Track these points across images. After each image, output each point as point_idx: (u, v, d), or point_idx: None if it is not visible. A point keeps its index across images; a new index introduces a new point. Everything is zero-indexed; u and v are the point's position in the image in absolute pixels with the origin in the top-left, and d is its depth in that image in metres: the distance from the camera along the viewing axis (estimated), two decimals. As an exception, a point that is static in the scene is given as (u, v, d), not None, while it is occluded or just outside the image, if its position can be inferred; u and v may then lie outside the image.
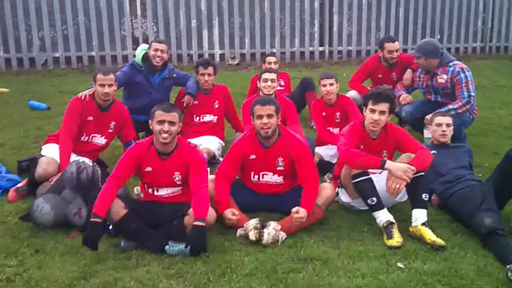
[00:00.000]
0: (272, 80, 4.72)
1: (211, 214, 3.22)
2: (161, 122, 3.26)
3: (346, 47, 10.49)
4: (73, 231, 3.40)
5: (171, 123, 3.26)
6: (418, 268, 2.95)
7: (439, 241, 3.17)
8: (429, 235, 3.22)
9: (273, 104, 3.54)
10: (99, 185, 3.48)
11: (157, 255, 3.09)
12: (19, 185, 4.03)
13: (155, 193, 3.41)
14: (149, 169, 3.34)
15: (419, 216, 3.33)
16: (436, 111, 4.48)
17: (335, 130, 4.76)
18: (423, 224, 3.29)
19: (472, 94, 4.79)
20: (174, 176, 3.35)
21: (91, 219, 3.06)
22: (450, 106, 4.74)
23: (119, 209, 3.16)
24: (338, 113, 4.80)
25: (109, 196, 3.15)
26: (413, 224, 3.33)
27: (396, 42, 5.58)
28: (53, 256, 3.09)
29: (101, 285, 2.79)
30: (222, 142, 5.04)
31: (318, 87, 4.86)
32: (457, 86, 4.83)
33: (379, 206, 3.39)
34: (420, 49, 4.99)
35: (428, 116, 4.63)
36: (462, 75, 4.81)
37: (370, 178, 3.45)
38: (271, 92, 4.71)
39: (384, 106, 3.53)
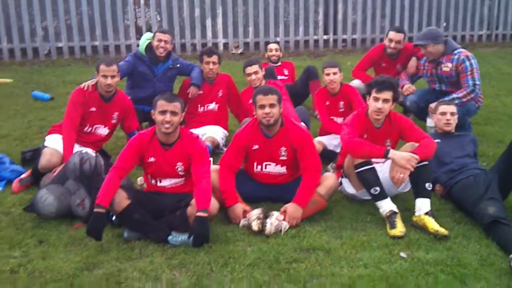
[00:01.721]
0: (255, 72, 4.78)
1: (214, 204, 3.22)
2: (163, 112, 3.25)
3: (350, 35, 10.40)
4: (77, 221, 3.42)
5: (173, 113, 3.26)
6: (421, 258, 2.95)
7: (442, 231, 3.16)
8: (432, 224, 3.21)
9: (275, 94, 3.53)
10: (102, 175, 3.48)
11: (160, 246, 3.10)
12: (23, 176, 4.05)
13: (158, 183, 3.42)
14: (152, 159, 3.34)
15: (422, 205, 3.31)
16: (440, 100, 4.45)
17: (339, 120, 4.74)
18: (426, 213, 3.28)
19: (477, 82, 4.74)
20: (176, 167, 3.35)
21: (95, 210, 3.07)
22: (454, 95, 4.70)
23: (122, 199, 3.16)
24: (341, 102, 4.77)
25: (112, 186, 3.16)
26: (416, 214, 3.33)
27: (400, 34, 5.45)
28: (56, 247, 3.11)
29: (104, 276, 2.81)
30: (225, 131, 5.04)
31: (322, 76, 4.83)
32: (462, 75, 4.78)
33: (382, 195, 3.38)
34: (425, 36, 4.93)
35: (432, 105, 4.60)
36: (467, 63, 4.76)
37: (373, 168, 3.44)
38: (257, 84, 4.71)
39: (387, 94, 3.51)
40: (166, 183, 3.41)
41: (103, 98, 4.24)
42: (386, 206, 3.36)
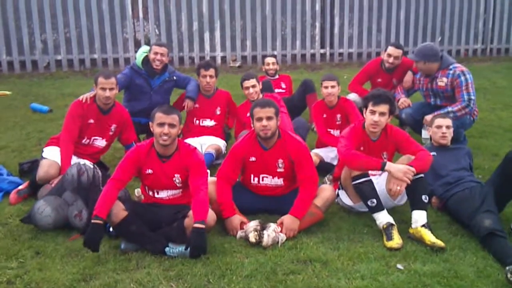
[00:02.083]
0: (253, 86, 4.81)
1: (211, 216, 3.22)
2: (161, 124, 3.27)
3: (347, 49, 10.50)
4: (74, 233, 3.42)
5: (171, 125, 3.28)
6: (418, 270, 2.95)
7: (439, 243, 3.17)
8: (429, 236, 3.22)
9: (273, 106, 3.56)
10: (100, 187, 3.49)
11: (157, 257, 3.10)
12: (21, 187, 4.05)
13: (156, 195, 3.43)
14: (149, 171, 3.35)
15: (418, 217, 3.33)
16: (436, 113, 4.49)
17: (336, 132, 4.77)
18: (423, 225, 3.29)
19: (472, 97, 4.79)
20: (174, 179, 3.36)
21: (92, 221, 3.07)
22: (449, 109, 4.74)
23: (119, 211, 3.17)
24: (339, 115, 4.81)
25: (110, 198, 3.16)
26: (412, 226, 3.34)
27: (399, 50, 5.51)
28: (53, 258, 3.10)
29: (101, 287, 2.80)
30: (224, 142, 5.06)
31: (320, 89, 4.88)
32: (457, 89, 4.82)
33: (379, 207, 3.40)
34: (418, 53, 5.00)
35: (427, 117, 4.64)
36: (462, 78, 4.81)
37: (370, 180, 3.46)
38: (255, 97, 4.75)
39: (384, 107, 3.55)
40: (163, 194, 3.42)
41: (101, 110, 4.27)
42: (383, 218, 3.37)
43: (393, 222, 3.36)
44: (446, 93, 4.93)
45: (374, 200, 3.40)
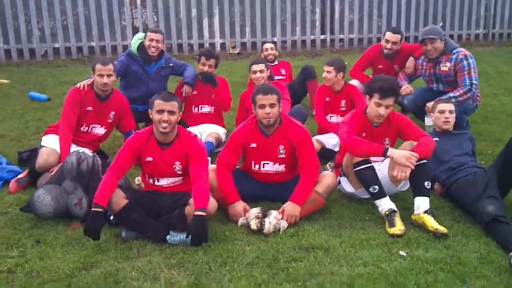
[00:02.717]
0: (261, 71, 4.83)
1: (212, 203, 3.20)
2: (161, 111, 3.23)
3: (347, 35, 10.41)
4: (74, 222, 3.40)
5: (171, 112, 3.24)
6: (420, 256, 2.94)
7: (442, 229, 3.15)
8: (432, 223, 3.20)
9: (275, 93, 3.51)
10: (100, 175, 3.47)
11: (158, 245, 3.08)
12: (20, 176, 4.03)
13: (156, 183, 3.40)
14: (149, 159, 3.32)
15: (421, 204, 3.31)
16: (438, 98, 4.44)
17: (339, 118, 4.72)
18: (426, 212, 3.27)
19: (474, 82, 4.74)
20: (174, 166, 3.33)
21: (93, 209, 3.05)
22: (451, 94, 4.70)
23: (119, 199, 3.14)
24: (343, 101, 4.78)
25: (110, 186, 3.14)
26: (415, 212, 3.32)
27: (397, 35, 5.43)
28: (54, 247, 3.09)
29: (102, 275, 2.78)
30: (224, 129, 5.02)
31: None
32: (459, 73, 4.77)
33: (381, 194, 3.38)
34: (433, 31, 4.90)
35: (430, 104, 4.59)
36: (465, 62, 4.76)
37: (372, 166, 3.43)
38: (261, 83, 4.72)
39: (390, 101, 3.51)
40: (164, 182, 3.39)
41: (99, 97, 4.23)
42: (385, 204, 3.35)
43: (395, 209, 3.33)
44: (449, 78, 4.88)
45: (376, 187, 3.37)
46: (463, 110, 4.77)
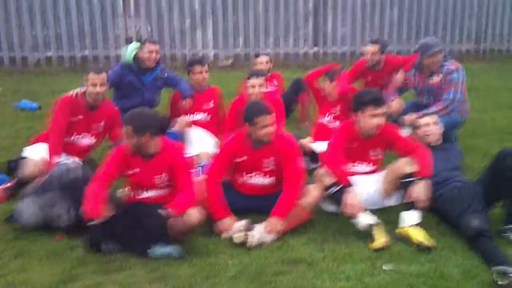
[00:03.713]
0: (260, 85, 4.66)
1: (195, 215, 3.17)
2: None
3: (340, 47, 10.48)
4: (59, 233, 3.36)
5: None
6: (404, 270, 2.93)
7: (426, 242, 3.15)
8: (416, 236, 3.19)
9: (273, 111, 3.55)
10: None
11: (141, 259, 3.06)
12: (8, 185, 3.99)
13: (142, 195, 3.38)
14: (134, 171, 3.31)
15: (408, 217, 3.30)
16: (417, 113, 4.46)
17: (332, 124, 4.81)
18: (413, 225, 3.26)
19: (458, 96, 4.72)
20: (158, 178, 3.32)
21: (90, 224, 3.03)
22: (430, 110, 4.66)
23: (103, 211, 3.12)
24: (338, 107, 4.84)
25: (100, 196, 3.13)
26: (400, 225, 3.32)
27: (375, 45, 5.51)
28: (36, 260, 3.06)
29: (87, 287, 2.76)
30: (216, 139, 5.01)
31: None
32: (445, 86, 4.78)
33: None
34: (436, 44, 4.88)
35: (407, 117, 4.57)
36: (455, 75, 4.75)
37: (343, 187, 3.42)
38: (258, 97, 4.69)
39: (383, 108, 3.56)
40: (150, 194, 3.37)
41: (90, 106, 4.21)
42: (363, 220, 3.32)
43: (372, 222, 3.30)
44: (440, 90, 4.87)
45: None
46: (451, 124, 4.77)
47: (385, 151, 3.78)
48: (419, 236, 3.21)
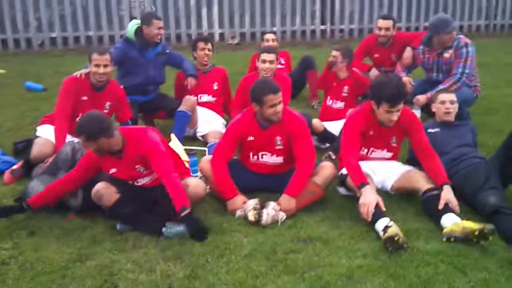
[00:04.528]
0: (271, 62, 4.64)
1: (199, 185, 3.18)
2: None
3: (348, 25, 10.31)
4: (69, 213, 3.34)
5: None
6: (421, 248, 2.88)
7: (481, 227, 2.84)
8: (472, 224, 2.90)
9: (280, 90, 3.45)
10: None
11: (155, 237, 3.03)
12: (15, 167, 3.97)
13: (137, 183, 3.30)
14: (112, 170, 3.23)
15: (449, 218, 3.04)
16: (429, 93, 4.39)
17: (340, 104, 4.83)
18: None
19: (467, 71, 4.69)
20: (137, 169, 3.22)
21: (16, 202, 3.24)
22: (440, 87, 4.59)
23: (111, 194, 3.11)
24: (346, 87, 4.82)
25: (53, 192, 3.24)
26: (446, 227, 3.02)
27: (388, 21, 5.43)
28: (48, 239, 3.04)
29: (97, 267, 2.74)
30: (223, 120, 4.96)
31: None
32: (456, 60, 4.73)
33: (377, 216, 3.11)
34: (447, 23, 4.79)
35: (420, 97, 4.57)
36: (464, 50, 4.72)
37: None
38: (269, 74, 4.62)
39: (400, 105, 3.38)
40: (143, 181, 3.29)
41: (95, 87, 4.16)
42: (380, 226, 3.03)
43: (389, 224, 3.00)
44: (449, 65, 4.82)
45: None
46: (464, 101, 4.69)
47: (403, 138, 3.65)
48: (463, 229, 2.90)
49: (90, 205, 3.23)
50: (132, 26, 4.90)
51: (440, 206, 3.10)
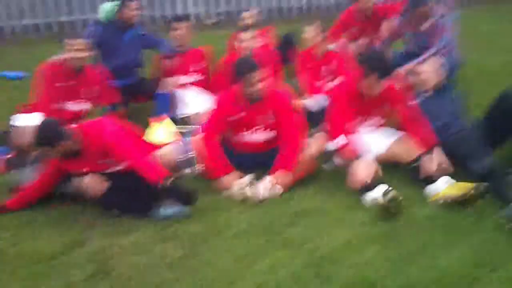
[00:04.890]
0: (249, 40, 4.61)
1: (169, 153, 3.21)
2: None
3: (326, 0, 10.25)
4: (65, 200, 3.26)
5: None
6: (417, 213, 2.93)
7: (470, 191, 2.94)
8: (455, 189, 2.99)
9: (263, 66, 3.44)
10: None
11: (151, 220, 2.99)
12: (9, 156, 3.84)
13: (113, 171, 3.20)
14: (81, 170, 3.15)
15: (435, 187, 3.11)
16: (405, 65, 4.39)
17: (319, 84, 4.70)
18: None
19: (450, 39, 4.68)
20: (106, 162, 3.15)
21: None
22: (420, 59, 4.59)
23: (98, 183, 3.08)
24: (323, 67, 4.70)
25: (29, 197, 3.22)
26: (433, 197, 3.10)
27: None
28: (44, 227, 3.00)
29: (94, 252, 2.72)
30: (211, 98, 4.89)
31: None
32: (437, 30, 4.72)
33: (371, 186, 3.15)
34: None
35: (409, 67, 4.53)
36: (440, 20, 4.70)
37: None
38: (247, 52, 4.56)
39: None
40: (118, 168, 3.19)
41: (73, 72, 4.07)
42: (378, 192, 3.06)
43: (387, 189, 3.05)
44: (431, 35, 4.81)
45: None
46: (448, 69, 4.72)
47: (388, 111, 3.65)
48: (458, 190, 2.99)
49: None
50: (111, 8, 4.77)
51: (434, 168, 3.15)
